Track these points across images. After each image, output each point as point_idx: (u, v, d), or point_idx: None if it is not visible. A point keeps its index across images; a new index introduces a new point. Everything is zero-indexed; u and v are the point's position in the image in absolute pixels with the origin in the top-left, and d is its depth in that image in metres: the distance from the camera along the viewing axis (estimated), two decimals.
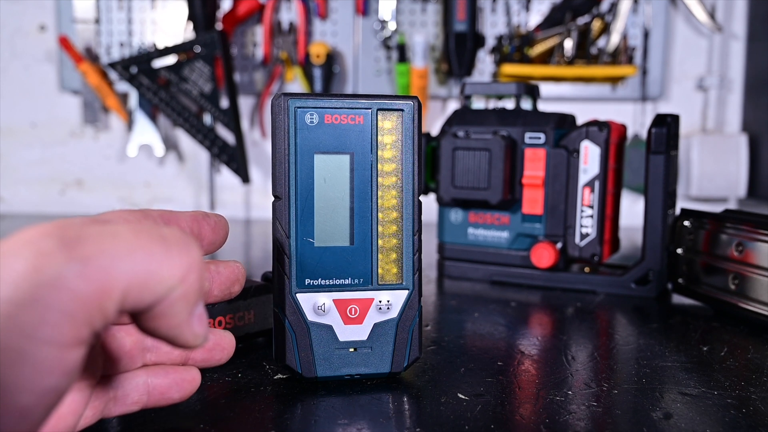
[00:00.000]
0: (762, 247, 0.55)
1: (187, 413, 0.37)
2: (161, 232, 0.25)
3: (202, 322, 0.27)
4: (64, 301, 0.22)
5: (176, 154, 1.26)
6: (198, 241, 0.26)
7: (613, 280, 0.68)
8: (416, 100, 0.40)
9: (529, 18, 1.16)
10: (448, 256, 0.75)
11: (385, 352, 0.41)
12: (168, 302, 0.25)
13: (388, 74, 1.19)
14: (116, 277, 0.23)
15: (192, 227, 0.33)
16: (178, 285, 0.25)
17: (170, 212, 0.33)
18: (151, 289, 0.24)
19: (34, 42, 1.24)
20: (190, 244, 0.26)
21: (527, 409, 0.39)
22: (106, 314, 0.23)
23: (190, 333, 0.26)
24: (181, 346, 0.27)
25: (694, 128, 1.21)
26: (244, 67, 1.20)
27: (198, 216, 0.34)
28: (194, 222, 0.33)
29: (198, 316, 0.27)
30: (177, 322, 0.26)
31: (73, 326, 0.22)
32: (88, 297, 0.22)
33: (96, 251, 0.23)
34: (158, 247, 0.24)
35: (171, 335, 0.26)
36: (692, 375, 0.44)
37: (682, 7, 1.18)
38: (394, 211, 0.40)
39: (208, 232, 0.34)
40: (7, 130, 1.26)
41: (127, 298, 0.23)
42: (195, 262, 0.25)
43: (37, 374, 0.22)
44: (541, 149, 0.69)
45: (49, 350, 0.22)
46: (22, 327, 0.21)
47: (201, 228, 0.34)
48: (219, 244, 0.35)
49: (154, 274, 0.24)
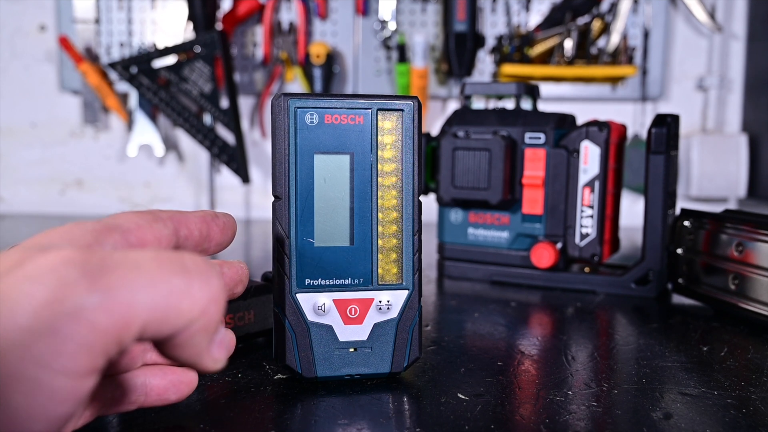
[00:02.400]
0: (762, 247, 0.55)
1: (187, 413, 0.37)
2: (184, 262, 0.25)
3: (221, 348, 0.27)
4: (83, 333, 0.22)
5: (176, 154, 1.26)
6: (218, 268, 0.26)
7: (613, 280, 0.68)
8: (416, 100, 0.40)
9: (529, 18, 1.16)
10: (448, 256, 0.75)
11: (385, 352, 0.41)
12: (188, 334, 0.25)
13: (388, 74, 1.19)
14: (137, 311, 0.23)
15: (201, 228, 0.33)
16: (199, 318, 0.25)
17: (180, 213, 0.32)
18: (171, 322, 0.24)
19: (34, 42, 1.24)
20: (212, 274, 0.25)
21: (527, 409, 0.39)
22: (122, 345, 0.23)
23: (209, 360, 0.27)
24: (201, 371, 0.27)
25: (694, 128, 1.21)
26: (244, 67, 1.20)
27: (207, 216, 0.34)
28: (203, 223, 0.33)
29: (218, 343, 0.27)
30: (197, 352, 0.26)
31: (89, 357, 0.22)
32: (107, 329, 0.22)
33: (118, 283, 0.23)
34: (180, 280, 0.24)
35: (190, 362, 0.26)
36: (692, 375, 0.44)
37: (682, 7, 1.18)
38: (394, 211, 0.40)
39: (217, 233, 0.34)
40: (7, 130, 1.26)
41: (146, 330, 0.23)
42: (216, 294, 0.25)
43: (51, 403, 0.22)
44: (541, 149, 0.69)
45: (65, 380, 0.22)
46: (39, 356, 0.21)
47: (210, 229, 0.33)
48: (226, 245, 0.35)
49: (174, 308, 0.24)
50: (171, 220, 0.31)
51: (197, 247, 0.33)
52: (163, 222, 0.31)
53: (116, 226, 0.29)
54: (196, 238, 0.33)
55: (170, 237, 0.31)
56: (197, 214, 0.33)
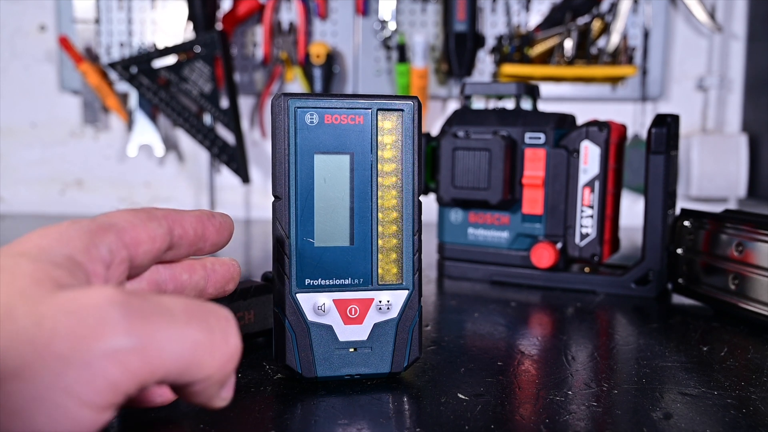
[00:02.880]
0: (762, 247, 0.54)
1: (187, 413, 0.37)
2: (208, 318, 0.26)
3: (230, 389, 0.29)
4: (113, 372, 0.23)
5: (176, 154, 1.26)
6: (236, 325, 0.27)
7: (613, 280, 0.68)
8: (416, 100, 0.40)
9: (529, 18, 1.16)
10: (448, 256, 0.75)
11: (385, 352, 0.41)
12: (204, 385, 0.27)
13: (388, 74, 1.19)
14: (164, 360, 0.24)
15: (196, 228, 0.33)
16: (216, 373, 0.26)
17: (175, 211, 0.33)
18: (191, 374, 0.25)
19: (34, 42, 1.24)
20: (231, 332, 0.27)
21: (527, 409, 0.39)
22: (144, 386, 0.24)
23: (218, 401, 0.29)
24: (209, 408, 0.29)
25: (694, 128, 1.21)
26: (244, 67, 1.20)
27: (203, 216, 0.34)
28: (199, 223, 0.33)
29: (228, 386, 0.29)
30: (208, 397, 0.28)
31: (114, 394, 0.23)
32: (136, 372, 0.24)
33: (153, 330, 0.24)
34: (205, 336, 0.26)
35: (200, 403, 0.28)
36: (692, 375, 0.44)
37: (682, 7, 1.18)
38: (394, 211, 0.40)
39: (213, 234, 0.34)
40: (7, 130, 1.26)
41: (168, 377, 0.25)
42: (234, 352, 0.27)
43: (70, 429, 0.23)
44: (541, 149, 0.69)
45: (87, 411, 0.23)
46: (68, 386, 0.22)
47: (205, 229, 0.34)
48: (223, 245, 0.35)
49: (197, 363, 0.25)
50: (166, 218, 0.32)
51: (192, 246, 0.33)
52: (158, 221, 0.31)
53: (111, 225, 0.29)
54: (191, 237, 0.33)
55: (164, 236, 0.31)
56: (193, 213, 0.34)
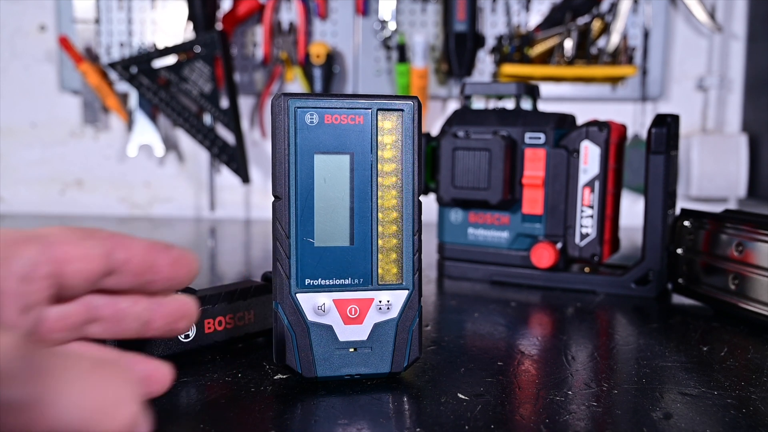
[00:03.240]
0: (762, 247, 0.55)
1: (187, 413, 0.37)
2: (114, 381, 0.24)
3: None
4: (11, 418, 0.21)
5: (176, 154, 1.26)
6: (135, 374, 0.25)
7: (613, 280, 0.68)
8: (416, 100, 0.40)
9: (529, 18, 1.16)
10: (448, 256, 0.75)
11: (385, 352, 0.41)
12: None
13: (388, 74, 1.19)
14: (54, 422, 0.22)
15: (145, 257, 0.31)
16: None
17: (125, 236, 0.31)
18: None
19: (34, 42, 1.24)
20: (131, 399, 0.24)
21: (527, 409, 0.39)
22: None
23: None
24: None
25: (694, 128, 1.21)
26: (244, 67, 1.20)
27: (157, 246, 0.31)
28: (148, 251, 0.31)
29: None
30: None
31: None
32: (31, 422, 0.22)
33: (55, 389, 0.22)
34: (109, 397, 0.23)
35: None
36: (692, 375, 0.44)
37: (682, 7, 1.18)
38: (394, 211, 0.40)
39: (165, 267, 0.31)
40: (7, 130, 1.26)
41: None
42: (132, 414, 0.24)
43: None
44: (541, 149, 0.69)
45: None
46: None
47: (156, 261, 0.31)
48: (180, 282, 0.32)
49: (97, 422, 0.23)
50: (109, 240, 0.30)
51: (139, 277, 0.31)
52: (97, 240, 0.29)
53: (38, 237, 0.28)
54: (137, 265, 0.31)
55: (101, 257, 0.29)
56: (145, 241, 0.31)
